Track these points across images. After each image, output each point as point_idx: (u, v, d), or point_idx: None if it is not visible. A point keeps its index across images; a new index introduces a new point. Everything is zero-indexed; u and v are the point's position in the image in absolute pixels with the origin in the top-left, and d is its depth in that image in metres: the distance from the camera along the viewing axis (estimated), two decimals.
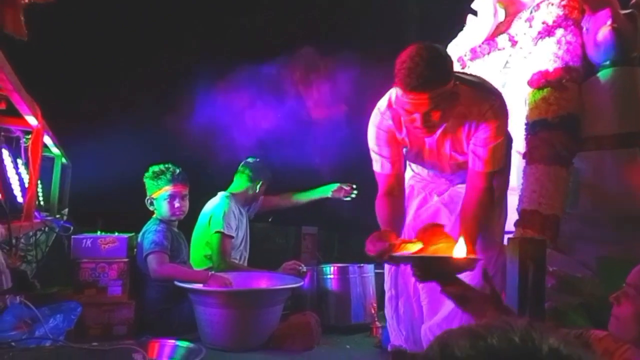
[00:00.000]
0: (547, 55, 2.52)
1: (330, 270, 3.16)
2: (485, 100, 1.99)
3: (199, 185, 3.58)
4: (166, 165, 3.01)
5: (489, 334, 0.59)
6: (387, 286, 2.42)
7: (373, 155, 2.17)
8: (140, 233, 2.94)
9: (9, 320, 2.10)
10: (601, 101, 2.47)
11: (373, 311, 2.98)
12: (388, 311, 2.40)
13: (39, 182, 3.04)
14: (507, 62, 2.86)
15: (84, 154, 3.87)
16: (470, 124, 2.01)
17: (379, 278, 2.81)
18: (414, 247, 1.75)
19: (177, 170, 3.01)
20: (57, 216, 3.12)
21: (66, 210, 3.72)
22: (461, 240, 1.72)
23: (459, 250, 1.68)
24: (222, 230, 3.14)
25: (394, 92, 2.01)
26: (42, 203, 3.05)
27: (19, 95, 1.63)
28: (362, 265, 3.15)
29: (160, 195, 2.96)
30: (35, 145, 1.99)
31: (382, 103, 2.11)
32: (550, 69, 2.48)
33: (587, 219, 2.42)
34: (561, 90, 2.42)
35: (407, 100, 1.82)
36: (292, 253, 3.87)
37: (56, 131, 2.92)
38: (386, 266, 2.42)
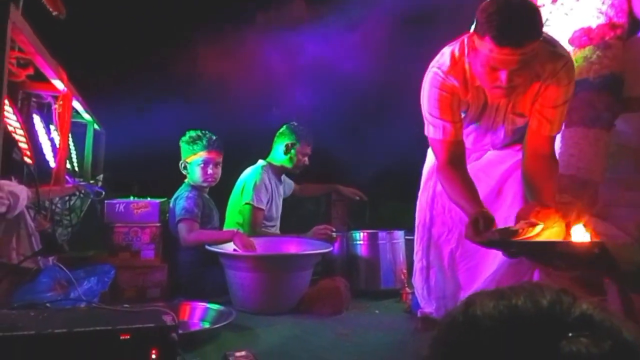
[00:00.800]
0: (590, 11, 2.37)
1: (360, 237, 3.14)
2: (560, 59, 1.90)
3: (239, 152, 3.58)
4: (203, 131, 3.04)
5: (515, 295, 0.55)
6: (417, 256, 2.38)
7: (432, 121, 2.01)
8: (172, 198, 2.99)
9: (45, 282, 2.16)
10: None
11: (403, 277, 2.96)
12: (418, 282, 2.37)
13: (72, 148, 3.10)
14: (546, 19, 2.71)
15: (118, 121, 3.91)
16: (541, 83, 1.91)
17: (409, 244, 2.77)
18: (530, 232, 1.64)
19: (214, 137, 3.04)
20: (92, 182, 3.18)
21: (101, 176, 3.79)
22: (580, 224, 1.65)
23: (579, 234, 1.61)
24: (251, 202, 3.15)
25: (457, 50, 1.93)
26: (76, 169, 3.10)
27: (42, 58, 1.62)
28: (391, 231, 3.12)
29: (195, 160, 3.00)
30: (64, 110, 2.00)
31: (443, 63, 1.97)
32: (593, 25, 2.34)
33: (627, 183, 2.32)
34: (604, 48, 2.28)
35: (497, 56, 1.70)
36: (323, 219, 3.87)
37: (89, 97, 2.96)
38: (417, 235, 2.37)
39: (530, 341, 0.51)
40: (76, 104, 2.33)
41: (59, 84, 1.93)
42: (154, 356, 1.64)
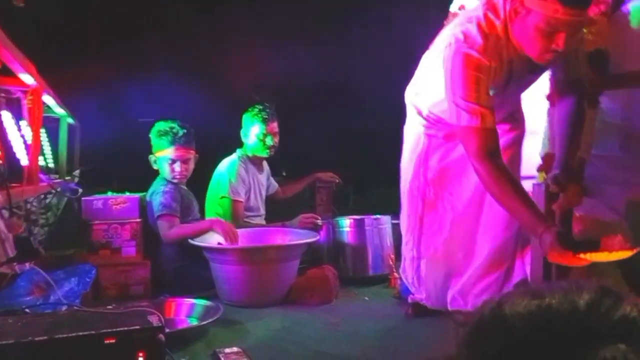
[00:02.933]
0: None
1: (346, 223, 3.10)
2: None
3: (223, 140, 3.47)
4: (171, 125, 2.86)
5: (549, 294, 0.51)
6: (407, 247, 2.34)
7: (466, 107, 1.83)
8: (148, 193, 2.88)
9: (23, 286, 2.08)
10: (631, 36, 2.30)
11: (391, 262, 2.93)
12: (409, 272, 2.33)
13: (46, 144, 2.99)
14: None
15: (93, 113, 3.79)
16: None
17: (396, 229, 2.74)
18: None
19: (181, 132, 2.85)
20: (67, 178, 3.08)
21: (77, 171, 3.69)
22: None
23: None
24: (227, 195, 3.08)
25: (484, 25, 1.85)
26: (50, 165, 3.00)
27: (9, 51, 1.53)
28: (378, 217, 3.09)
29: (163, 156, 2.87)
30: (35, 104, 1.90)
31: (473, 41, 1.83)
32: None
33: (613, 161, 2.30)
34: (589, 24, 2.25)
35: (562, 17, 1.65)
36: (308, 206, 3.82)
37: (61, 90, 2.84)
38: (408, 225, 2.34)
39: (562, 345, 0.47)
40: (48, 99, 2.22)
41: (27, 78, 1.83)
42: (141, 359, 1.59)
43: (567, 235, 1.69)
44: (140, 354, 1.59)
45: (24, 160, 1.99)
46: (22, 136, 2.27)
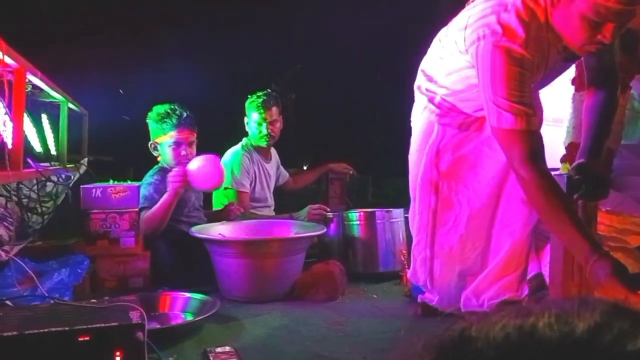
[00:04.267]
0: None
1: (356, 217, 2.94)
2: None
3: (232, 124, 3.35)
4: (172, 107, 2.70)
5: (539, 313, 0.37)
6: (419, 246, 2.17)
7: (510, 108, 1.66)
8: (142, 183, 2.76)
9: (10, 277, 2.00)
10: None
11: (403, 258, 2.77)
12: (421, 274, 2.17)
13: (48, 131, 2.92)
14: None
15: (101, 102, 3.73)
16: None
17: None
18: None
19: (185, 114, 2.69)
20: (69, 166, 2.99)
21: (85, 160, 3.62)
22: None
23: None
24: (231, 187, 2.96)
25: (524, 15, 1.66)
26: (52, 153, 2.92)
27: None
28: (390, 210, 2.92)
29: (166, 141, 2.71)
30: (17, 87, 1.81)
31: (514, 35, 1.65)
32: None
33: None
34: None
35: (615, 7, 1.47)
36: (324, 198, 3.68)
37: (74, 79, 2.76)
38: (420, 223, 2.17)
39: None
40: (38, 82, 2.13)
41: (8, 59, 1.73)
42: (118, 359, 1.48)
43: (624, 267, 1.44)
44: (118, 353, 1.48)
45: (9, 145, 1.90)
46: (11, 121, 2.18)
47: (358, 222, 2.92)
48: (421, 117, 2.16)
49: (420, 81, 2.16)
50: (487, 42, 1.68)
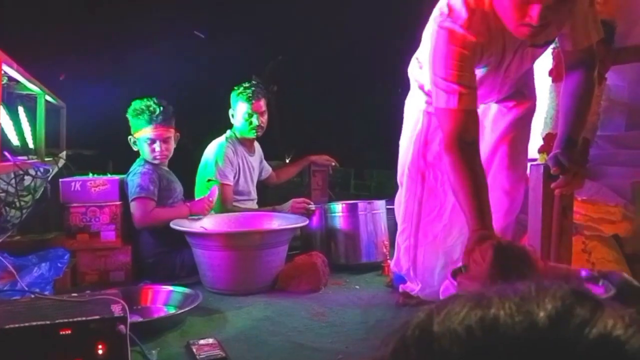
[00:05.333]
0: None
1: (338, 208, 2.95)
2: None
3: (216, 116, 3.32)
4: (148, 102, 2.68)
5: (498, 301, 0.36)
6: (403, 235, 2.19)
7: (445, 87, 1.66)
8: (127, 175, 2.74)
9: None
10: (638, 6, 2.14)
11: (385, 249, 2.80)
12: (404, 262, 2.19)
13: (25, 123, 2.87)
14: None
15: (79, 94, 3.67)
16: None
17: (391, 214, 2.60)
18: None
19: (158, 110, 2.66)
20: (47, 159, 2.95)
21: (64, 153, 3.56)
22: None
23: None
24: (214, 179, 2.95)
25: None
26: (20, 144, 2.86)
27: None
28: (372, 201, 2.94)
29: (141, 137, 2.70)
30: None
31: (457, 16, 1.64)
32: None
33: (620, 141, 2.15)
34: None
35: None
36: (306, 190, 3.68)
37: (44, 70, 2.70)
38: (405, 211, 2.19)
39: None
40: (14, 73, 2.09)
41: None
42: (100, 352, 1.47)
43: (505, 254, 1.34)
44: (100, 346, 1.48)
45: None
46: None
47: (340, 214, 2.94)
48: (412, 104, 2.17)
49: (412, 68, 2.16)
50: (435, 23, 1.70)
